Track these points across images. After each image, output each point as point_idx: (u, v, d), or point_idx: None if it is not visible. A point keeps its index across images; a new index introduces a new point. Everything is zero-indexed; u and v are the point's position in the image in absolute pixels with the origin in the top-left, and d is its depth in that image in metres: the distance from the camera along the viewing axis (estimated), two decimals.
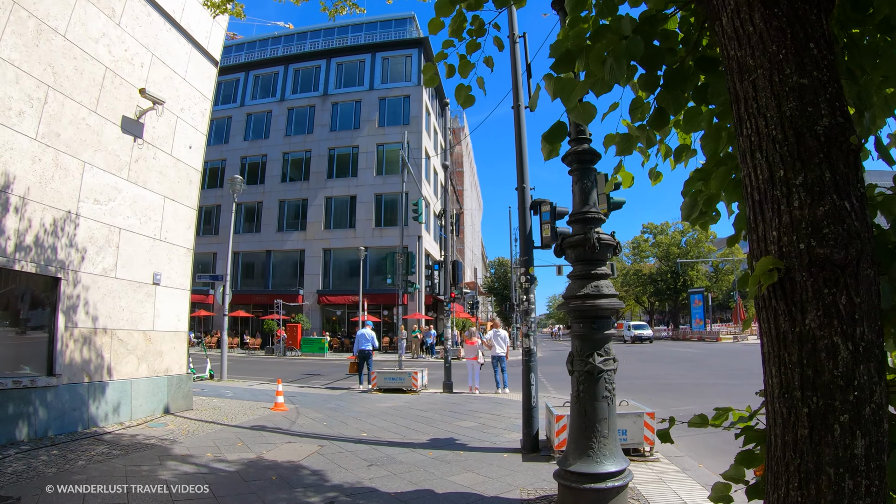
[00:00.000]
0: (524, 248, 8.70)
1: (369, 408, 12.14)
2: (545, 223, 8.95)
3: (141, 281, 10.15)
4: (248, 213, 46.77)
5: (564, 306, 6.08)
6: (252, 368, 25.32)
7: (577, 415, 5.78)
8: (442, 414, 11.33)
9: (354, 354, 16.82)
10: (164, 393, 10.56)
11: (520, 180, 9.03)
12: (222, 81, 50.83)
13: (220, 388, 16.09)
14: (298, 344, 35.23)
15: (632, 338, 51.26)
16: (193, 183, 11.90)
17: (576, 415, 5.81)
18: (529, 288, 8.61)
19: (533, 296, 8.68)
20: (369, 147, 44.45)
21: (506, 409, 11.98)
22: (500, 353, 15.68)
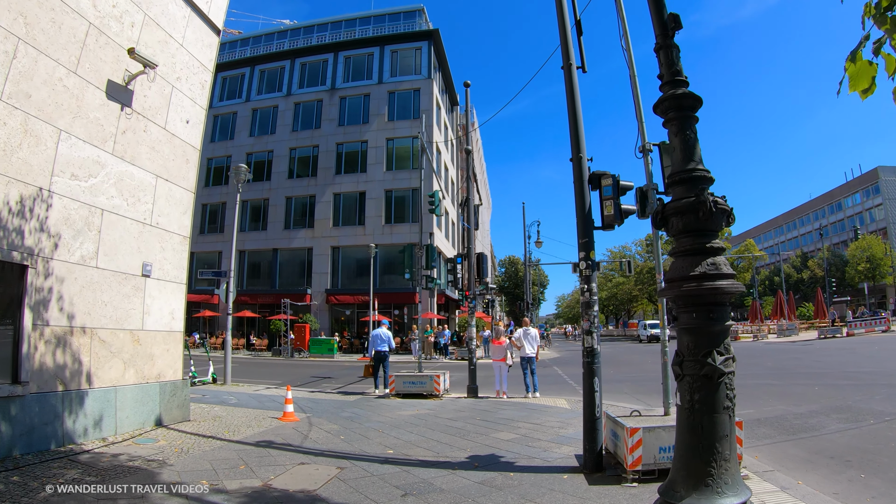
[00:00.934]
0: (583, 228, 7.25)
1: (390, 417, 10.70)
2: (606, 199, 7.52)
3: (127, 272, 8.74)
4: (253, 210, 45.52)
5: (668, 291, 4.63)
6: (258, 371, 23.97)
7: (689, 431, 4.34)
8: (474, 424, 9.88)
9: (369, 356, 15.41)
10: (155, 402, 9.13)
11: (575, 149, 7.59)
12: (227, 77, 49.95)
13: (224, 393, 14.69)
14: (307, 345, 33.86)
15: (648, 337, 49.82)
16: (191, 162, 10.49)
17: (687, 431, 4.38)
18: (591, 276, 7.16)
19: (595, 285, 7.22)
20: (378, 142, 43.14)
21: (544, 417, 10.52)
22: (530, 354, 14.25)
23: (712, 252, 4.52)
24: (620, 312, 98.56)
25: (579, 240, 7.26)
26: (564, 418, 10.40)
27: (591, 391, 6.89)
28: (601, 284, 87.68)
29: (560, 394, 14.87)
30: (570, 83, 7.87)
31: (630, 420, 6.85)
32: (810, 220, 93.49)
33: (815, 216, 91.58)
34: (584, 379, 7.04)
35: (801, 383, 15.06)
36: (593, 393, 6.87)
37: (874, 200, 76.63)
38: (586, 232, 7.22)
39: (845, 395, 12.37)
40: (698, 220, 4.46)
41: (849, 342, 31.91)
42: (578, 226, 7.30)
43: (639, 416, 7.24)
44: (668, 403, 7.31)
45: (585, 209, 7.31)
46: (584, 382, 7.00)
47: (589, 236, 7.22)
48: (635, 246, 76.82)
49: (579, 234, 7.27)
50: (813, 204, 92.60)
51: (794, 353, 25.34)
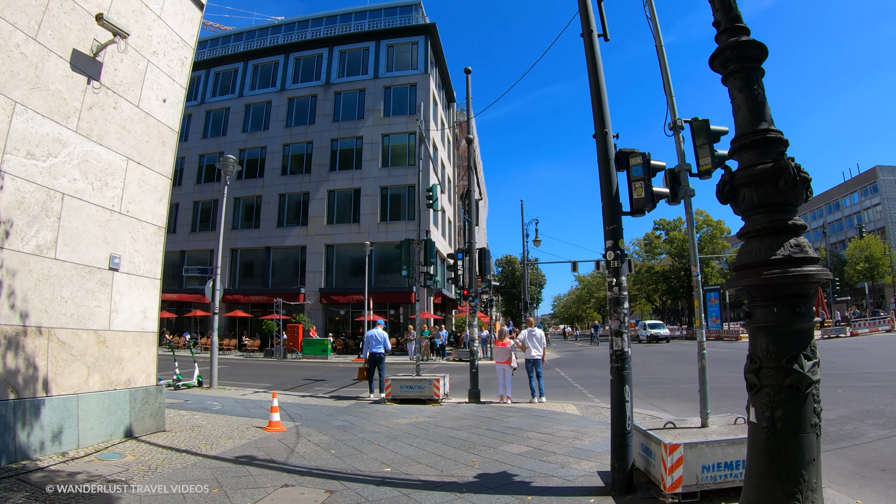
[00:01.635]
0: (610, 213, 6.34)
1: (386, 426, 9.75)
2: (636, 180, 6.61)
3: (92, 265, 7.78)
4: (246, 208, 44.61)
5: (741, 279, 3.75)
6: (248, 373, 23.00)
7: (768, 455, 3.48)
8: (479, 434, 8.94)
9: (364, 358, 14.46)
10: (124, 411, 8.17)
11: (599, 124, 6.68)
12: (220, 72, 49.00)
13: (208, 398, 13.72)
14: (300, 346, 32.83)
15: (647, 337, 49.02)
16: (168, 145, 9.53)
17: (764, 455, 3.51)
18: (620, 268, 6.25)
19: (624, 279, 6.31)
20: (374, 137, 42.22)
21: (555, 426, 9.60)
22: (536, 356, 13.33)
23: (794, 231, 3.63)
24: None
25: (605, 226, 6.35)
26: (578, 427, 9.49)
27: (620, 401, 5.99)
28: (598, 284, 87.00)
29: (567, 398, 13.97)
30: (592, 52, 6.97)
31: (667, 434, 5.95)
32: (807, 220, 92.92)
33: (813, 216, 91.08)
34: (612, 387, 6.12)
35: (822, 385, 14.20)
36: (623, 403, 5.96)
37: (872, 200, 76.27)
38: (613, 217, 6.31)
39: (872, 398, 11.66)
40: (778, 190, 3.56)
41: (855, 342, 31.18)
42: (604, 210, 6.39)
43: (673, 428, 6.35)
44: (706, 414, 6.41)
45: (612, 192, 6.40)
46: (613, 391, 6.09)
47: (617, 222, 6.31)
48: (633, 245, 75.99)
49: (605, 220, 6.36)
50: (810, 203, 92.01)
51: None
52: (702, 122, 7.10)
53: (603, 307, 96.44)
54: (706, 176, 6.99)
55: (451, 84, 54.66)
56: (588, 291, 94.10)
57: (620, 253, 6.26)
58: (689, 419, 6.96)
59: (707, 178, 7.03)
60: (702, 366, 6.63)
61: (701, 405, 6.51)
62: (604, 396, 14.12)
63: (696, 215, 44.20)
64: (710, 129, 7.06)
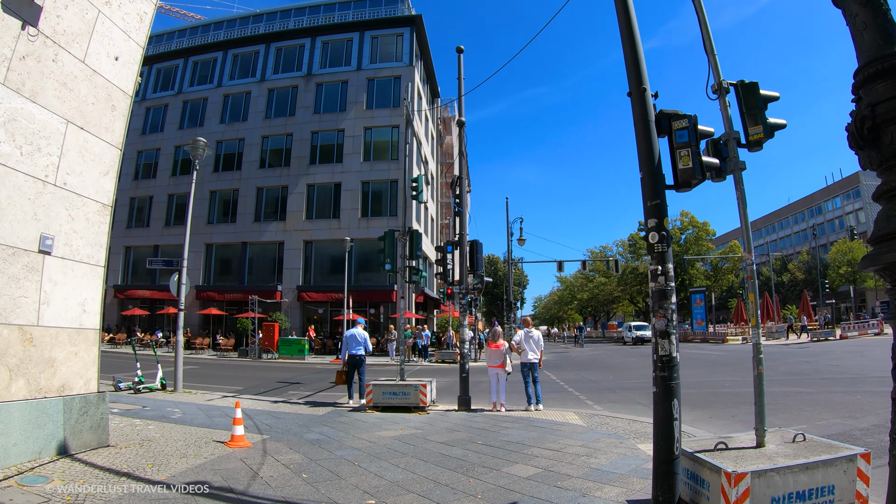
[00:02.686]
0: (651, 187, 5.18)
1: (368, 440, 8.45)
2: (681, 147, 5.48)
3: (17, 245, 6.43)
4: (222, 201, 43.06)
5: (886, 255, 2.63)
6: (219, 374, 21.58)
7: None
8: (477, 451, 7.71)
9: (342, 360, 13.17)
10: (57, 424, 6.81)
11: (634, 79, 5.52)
12: (198, 61, 47.42)
13: (169, 404, 12.35)
14: (276, 345, 31.38)
15: (633, 339, 48.28)
16: (118, 110, 8.19)
17: None
18: (666, 253, 5.09)
19: (671, 266, 5.14)
20: (356, 131, 40.90)
21: (562, 440, 8.43)
22: (534, 360, 12.17)
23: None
24: (600, 314, 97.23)
25: (647, 202, 5.18)
26: (587, 441, 8.33)
27: (667, 418, 4.81)
28: (581, 286, 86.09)
29: (564, 405, 12.82)
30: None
31: (723, 458, 4.80)
32: (789, 224, 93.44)
33: (795, 220, 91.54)
34: (657, 401, 4.93)
35: (837, 390, 13.33)
36: (672, 421, 4.78)
37: (855, 204, 76.69)
38: (656, 191, 5.14)
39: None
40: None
41: (847, 345, 30.58)
42: (644, 183, 5.23)
43: (725, 449, 5.21)
44: (762, 431, 5.28)
45: (654, 160, 5.23)
46: (658, 406, 4.90)
47: (660, 197, 5.15)
48: (616, 246, 75.39)
49: (646, 195, 5.19)
50: (793, 207, 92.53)
51: (800, 357, 23.74)
52: (750, 84, 6.00)
53: (584, 308, 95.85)
54: (756, 147, 5.90)
55: (437, 79, 53.52)
56: (570, 292, 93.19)
57: (666, 234, 5.10)
58: (734, 435, 5.82)
59: (757, 150, 5.94)
60: (759, 373, 5.51)
61: (757, 420, 5.38)
62: (604, 403, 13.06)
63: (681, 216, 43.56)
64: (760, 93, 5.97)
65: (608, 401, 13.50)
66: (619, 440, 8.43)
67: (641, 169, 5.28)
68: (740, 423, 9.95)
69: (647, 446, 7.97)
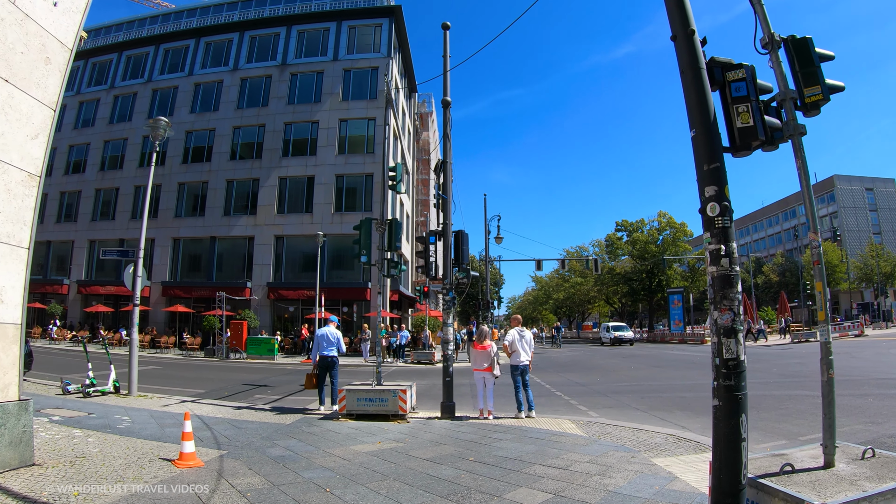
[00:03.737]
0: (707, 147, 4.14)
1: (342, 457, 7.25)
2: (739, 102, 4.48)
3: None
4: (190, 194, 41.43)
5: None
6: (182, 375, 20.15)
7: None
8: (470, 471, 6.58)
9: (313, 361, 11.95)
10: None
11: (679, 20, 4.48)
12: (169, 49, 45.64)
13: (119, 410, 11.02)
14: (244, 345, 29.92)
15: (611, 339, 47.69)
16: (54, 64, 6.90)
17: None
18: (729, 229, 4.05)
19: (735, 245, 4.09)
20: (331, 122, 39.57)
21: (565, 454, 7.37)
22: (525, 362, 11.12)
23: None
24: (575, 314, 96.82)
25: (702, 166, 4.13)
26: (593, 456, 7.28)
27: (733, 439, 3.75)
28: (556, 285, 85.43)
29: (556, 411, 11.80)
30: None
31: (797, 485, 3.76)
32: (763, 227, 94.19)
33: (769, 222, 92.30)
34: (718, 416, 3.87)
35: (845, 393, 12.58)
36: (738, 444, 3.73)
37: (829, 208, 77.43)
38: (712, 152, 4.10)
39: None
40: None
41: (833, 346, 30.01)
42: (697, 143, 4.18)
43: (793, 471, 4.18)
44: (832, 447, 4.28)
45: (709, 115, 4.20)
46: (720, 422, 3.84)
47: (719, 159, 4.12)
48: (592, 247, 74.82)
49: (701, 158, 4.14)
50: (766, 211, 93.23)
51: (788, 359, 23.14)
52: (802, 39, 5.01)
53: (559, 308, 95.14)
54: (814, 111, 4.91)
55: (414, 74, 52.32)
56: (545, 293, 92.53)
57: (728, 206, 4.05)
58: (787, 452, 4.80)
59: (814, 115, 4.96)
60: (829, 378, 4.51)
61: (825, 434, 4.37)
62: (598, 409, 12.07)
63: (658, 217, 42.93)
64: (815, 50, 4.99)
65: (602, 406, 12.51)
66: (630, 454, 7.41)
67: (693, 126, 4.23)
68: (758, 430, 9.02)
69: (663, 461, 7.01)
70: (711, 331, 4.03)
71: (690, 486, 5.90)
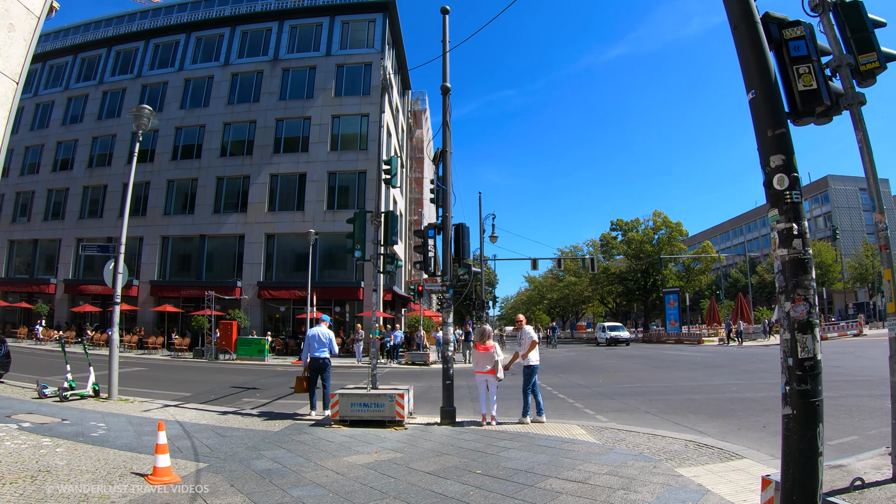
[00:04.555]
0: (771, 112, 3.52)
1: (335, 470, 6.58)
2: (798, 63, 3.87)
3: None
4: (180, 192, 40.56)
5: None
6: (168, 377, 19.39)
7: None
8: (479, 486, 5.86)
9: (304, 363, 11.24)
10: None
11: None
12: (159, 44, 44.75)
13: (96, 416, 10.28)
14: (234, 345, 29.15)
15: (607, 340, 47.18)
16: (19, 32, 6.16)
17: None
18: (800, 205, 3.42)
19: (806, 224, 3.45)
20: (323, 118, 38.85)
21: (579, 464, 6.72)
22: (535, 363, 10.50)
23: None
24: (568, 314, 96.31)
25: (765, 132, 3.52)
26: (612, 466, 6.64)
27: (809, 453, 3.14)
28: (550, 285, 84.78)
29: (561, 415, 11.18)
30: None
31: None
32: (757, 227, 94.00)
33: (763, 222, 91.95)
34: (791, 427, 3.24)
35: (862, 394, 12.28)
36: (815, 458, 3.12)
37: (823, 208, 77.37)
38: (778, 116, 3.51)
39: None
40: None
41: (832, 346, 29.86)
42: (758, 107, 3.58)
43: (862, 486, 3.56)
44: None
45: (770, 73, 3.61)
46: (793, 434, 3.22)
47: (784, 125, 3.49)
48: (587, 246, 74.16)
49: (763, 123, 3.53)
50: (760, 210, 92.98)
51: None
52: (853, 3, 4.41)
53: (553, 309, 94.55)
54: (869, 80, 4.32)
55: (408, 71, 51.66)
56: (539, 293, 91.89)
57: (798, 178, 3.41)
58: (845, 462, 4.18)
59: (870, 84, 4.34)
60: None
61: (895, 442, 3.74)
62: (606, 413, 11.45)
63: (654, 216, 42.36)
64: (868, 15, 4.39)
65: (609, 409, 11.88)
66: (651, 463, 6.78)
67: (752, 87, 3.62)
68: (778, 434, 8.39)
69: (688, 471, 6.40)
70: (782, 326, 3.40)
71: (726, 501, 5.28)
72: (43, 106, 46.14)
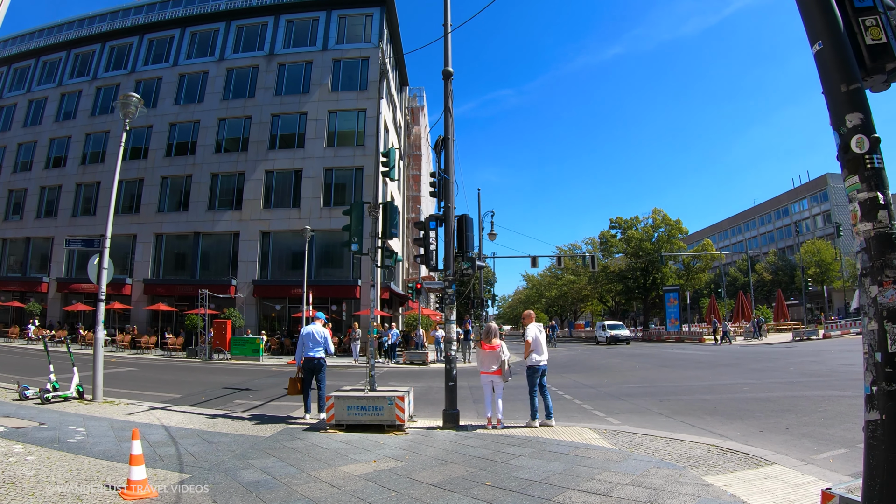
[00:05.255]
0: (842, 64, 2.94)
1: (329, 482, 6.00)
2: (863, 14, 3.37)
3: None
4: (175, 189, 39.88)
5: None
6: (159, 378, 18.76)
7: None
8: (491, 502, 5.28)
9: (297, 363, 10.67)
10: None
11: None
12: (153, 39, 44.12)
13: (77, 419, 9.68)
14: (228, 345, 28.52)
15: (607, 338, 46.63)
16: None
17: None
18: (882, 171, 2.84)
19: (890, 194, 2.88)
20: (319, 114, 38.23)
21: (597, 473, 6.15)
22: (545, 362, 9.94)
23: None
24: (567, 313, 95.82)
25: (836, 88, 3.00)
26: (634, 475, 6.08)
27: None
28: (548, 284, 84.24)
29: (570, 417, 10.62)
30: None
31: None
32: (755, 226, 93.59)
33: (762, 221, 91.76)
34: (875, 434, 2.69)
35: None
36: None
37: (822, 206, 77.00)
38: (850, 69, 2.94)
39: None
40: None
41: (837, 344, 29.43)
42: (826, 59, 3.05)
43: None
44: None
45: (837, 21, 3.03)
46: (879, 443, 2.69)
47: (857, 79, 2.93)
48: (585, 244, 73.57)
49: (833, 78, 3.01)
50: (758, 209, 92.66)
51: (800, 357, 22.22)
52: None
53: (551, 307, 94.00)
54: None
55: (406, 67, 51.08)
56: (537, 291, 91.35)
57: (879, 140, 2.84)
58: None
59: None
60: None
61: None
62: (617, 414, 10.89)
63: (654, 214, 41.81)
64: None
65: (620, 411, 11.32)
66: (676, 471, 6.21)
67: (816, 38, 3.08)
68: (808, 438, 7.90)
69: (717, 479, 5.86)
70: (866, 314, 2.82)
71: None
72: (36, 102, 45.49)
